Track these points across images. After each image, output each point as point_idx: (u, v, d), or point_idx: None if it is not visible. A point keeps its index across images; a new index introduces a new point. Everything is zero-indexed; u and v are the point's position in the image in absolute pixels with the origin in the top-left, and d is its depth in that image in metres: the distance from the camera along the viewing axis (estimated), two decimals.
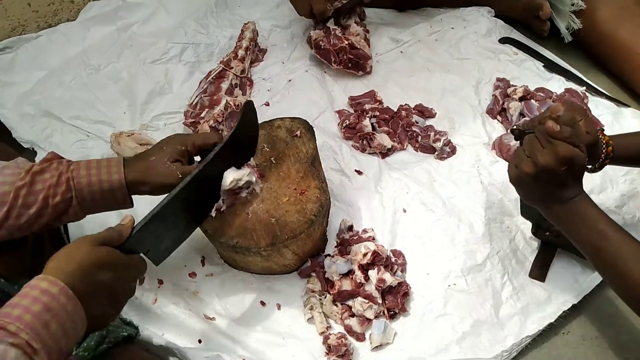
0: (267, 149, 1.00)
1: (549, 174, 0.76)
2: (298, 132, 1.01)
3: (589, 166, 0.88)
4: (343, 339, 0.90)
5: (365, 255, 0.95)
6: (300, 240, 0.90)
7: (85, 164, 0.79)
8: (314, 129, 1.02)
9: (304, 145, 1.00)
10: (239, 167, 0.91)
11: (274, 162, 0.98)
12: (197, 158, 0.90)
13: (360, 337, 0.93)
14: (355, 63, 1.30)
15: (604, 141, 0.86)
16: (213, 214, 0.90)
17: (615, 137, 0.89)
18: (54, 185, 0.76)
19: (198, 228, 0.91)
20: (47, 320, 0.57)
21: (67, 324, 0.59)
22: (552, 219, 0.83)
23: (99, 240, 0.66)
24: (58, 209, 0.77)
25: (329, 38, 1.28)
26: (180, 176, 0.82)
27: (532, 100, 1.20)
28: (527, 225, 1.02)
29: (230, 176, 0.88)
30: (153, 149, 0.86)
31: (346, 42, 1.27)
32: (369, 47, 1.33)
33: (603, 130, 0.89)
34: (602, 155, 0.86)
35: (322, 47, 1.28)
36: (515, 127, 1.02)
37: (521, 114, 1.20)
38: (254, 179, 0.92)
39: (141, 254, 0.74)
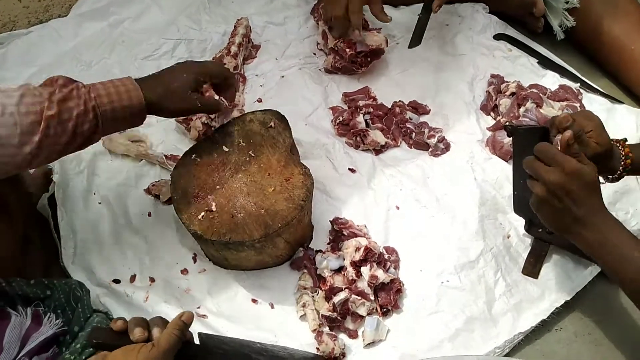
0: (243, 144, 0.99)
1: (562, 190, 0.74)
2: (272, 123, 1.01)
3: (607, 177, 0.88)
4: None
5: (357, 250, 0.94)
6: (292, 226, 0.91)
7: (104, 91, 0.81)
8: (307, 125, 1.02)
9: (280, 135, 1.00)
10: None
11: (252, 155, 0.98)
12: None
13: (352, 334, 0.92)
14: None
15: (623, 153, 0.85)
16: None
17: (637, 147, 0.87)
18: (82, 114, 0.78)
19: (186, 230, 0.91)
20: None
21: None
22: (583, 247, 0.79)
23: None
24: (84, 136, 0.79)
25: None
26: (200, 105, 0.89)
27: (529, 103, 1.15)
28: (520, 222, 1.02)
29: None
30: (172, 74, 0.88)
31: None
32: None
33: (625, 140, 0.87)
34: (620, 167, 0.85)
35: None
36: (507, 123, 1.01)
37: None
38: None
39: None
